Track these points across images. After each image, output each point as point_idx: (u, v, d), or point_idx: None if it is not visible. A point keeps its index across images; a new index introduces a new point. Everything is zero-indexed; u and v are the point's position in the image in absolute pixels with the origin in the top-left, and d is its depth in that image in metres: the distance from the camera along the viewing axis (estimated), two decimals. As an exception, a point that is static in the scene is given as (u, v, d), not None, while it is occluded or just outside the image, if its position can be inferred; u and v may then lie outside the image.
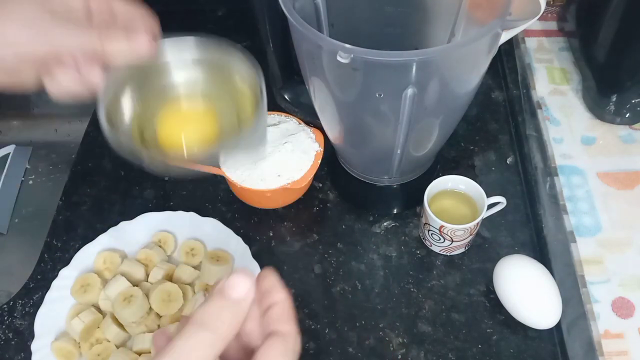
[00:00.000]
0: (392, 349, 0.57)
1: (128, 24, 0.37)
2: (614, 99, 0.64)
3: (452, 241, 0.60)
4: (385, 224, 0.67)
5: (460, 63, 0.49)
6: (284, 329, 0.31)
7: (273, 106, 0.74)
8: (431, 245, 0.63)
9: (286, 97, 0.73)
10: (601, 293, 0.54)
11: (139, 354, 0.56)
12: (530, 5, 0.55)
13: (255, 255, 0.63)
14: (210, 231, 0.65)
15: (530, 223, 0.66)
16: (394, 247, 0.65)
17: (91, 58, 0.35)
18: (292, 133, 0.68)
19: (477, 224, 0.59)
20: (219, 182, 0.71)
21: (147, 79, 0.43)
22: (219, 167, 0.61)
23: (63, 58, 0.35)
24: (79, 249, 0.64)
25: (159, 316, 0.58)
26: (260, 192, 0.64)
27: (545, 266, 0.61)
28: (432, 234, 0.61)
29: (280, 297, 0.32)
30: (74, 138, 0.90)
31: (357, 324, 0.59)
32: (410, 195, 0.67)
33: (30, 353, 0.57)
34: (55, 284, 0.61)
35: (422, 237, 0.64)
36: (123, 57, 0.36)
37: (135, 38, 0.36)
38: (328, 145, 0.67)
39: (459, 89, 0.53)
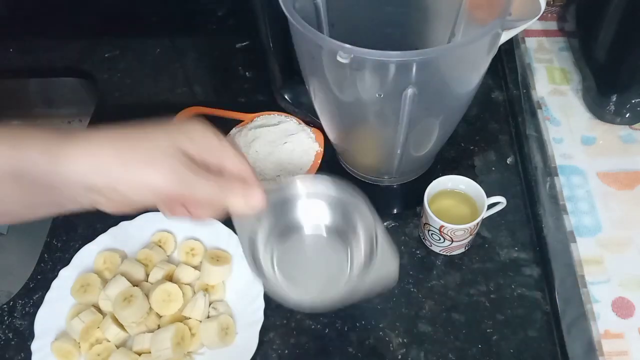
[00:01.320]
0: (392, 349, 0.57)
1: (239, 175, 0.43)
2: (614, 99, 0.64)
3: (452, 241, 0.60)
4: (385, 224, 0.67)
5: (460, 63, 0.49)
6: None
7: (273, 106, 0.74)
8: (431, 245, 0.63)
9: (286, 97, 0.73)
10: (601, 293, 0.54)
11: (139, 354, 0.56)
12: (530, 5, 0.55)
13: (255, 255, 0.63)
14: (210, 231, 0.65)
15: (530, 223, 0.66)
16: (394, 247, 0.65)
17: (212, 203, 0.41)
18: (292, 133, 0.68)
19: (477, 224, 0.59)
20: (219, 182, 0.71)
21: (274, 214, 0.48)
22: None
23: (191, 200, 0.42)
24: (79, 249, 0.64)
25: (159, 316, 0.58)
26: None
27: (545, 266, 0.62)
28: (432, 234, 0.61)
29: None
30: (74, 138, 0.90)
31: (357, 324, 0.59)
32: (410, 195, 0.67)
33: (30, 353, 0.57)
34: (55, 284, 0.61)
35: (422, 237, 0.64)
36: (240, 210, 0.41)
37: (251, 194, 0.42)
38: (328, 145, 0.67)
39: (459, 89, 0.53)
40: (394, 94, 0.48)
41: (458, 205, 0.62)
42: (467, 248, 0.63)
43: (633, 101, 0.63)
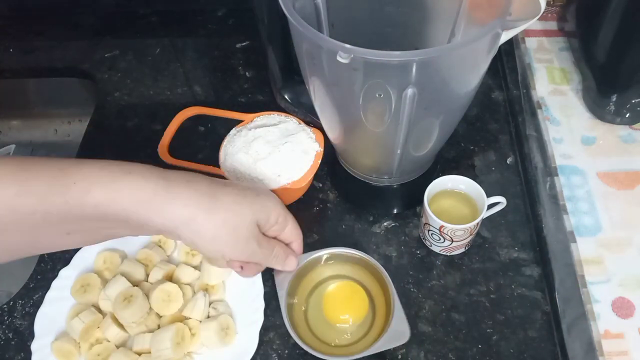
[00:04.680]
0: (392, 349, 0.57)
1: (289, 242, 0.56)
2: (614, 99, 0.64)
3: (452, 241, 0.60)
4: (385, 224, 0.67)
5: (460, 63, 0.49)
6: None
7: (273, 106, 0.74)
8: (431, 245, 0.63)
9: (286, 97, 0.73)
10: (601, 293, 0.54)
11: (139, 354, 0.56)
12: (530, 5, 0.55)
13: (255, 255, 0.63)
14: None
15: (530, 223, 0.66)
16: (394, 247, 0.65)
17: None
18: (292, 133, 0.68)
19: (477, 224, 0.59)
20: (219, 182, 0.71)
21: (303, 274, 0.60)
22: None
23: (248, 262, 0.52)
24: (79, 249, 0.64)
25: (159, 316, 0.58)
26: None
27: (545, 266, 0.62)
28: (432, 234, 0.61)
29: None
30: (74, 138, 0.90)
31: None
32: (410, 195, 0.67)
33: (30, 353, 0.57)
34: (55, 284, 0.61)
35: (422, 237, 0.64)
36: (279, 269, 0.56)
37: (289, 262, 0.56)
38: (328, 145, 0.67)
39: (459, 89, 0.53)
40: (394, 94, 0.48)
41: (458, 205, 0.62)
42: (467, 248, 0.63)
43: (633, 101, 0.63)
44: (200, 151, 0.75)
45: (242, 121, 0.72)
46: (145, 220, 0.43)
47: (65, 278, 0.61)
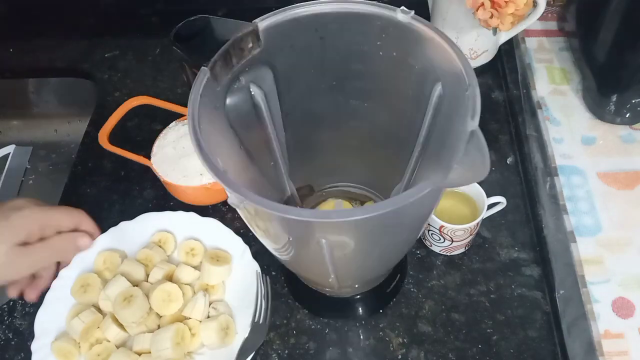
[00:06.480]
0: (392, 349, 0.57)
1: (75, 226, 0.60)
2: (614, 99, 0.64)
3: (452, 241, 0.60)
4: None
5: (401, 219, 0.42)
6: None
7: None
8: (431, 245, 0.63)
9: None
10: (601, 293, 0.54)
11: (139, 354, 0.56)
12: (530, 6, 0.54)
13: (255, 255, 0.63)
14: (210, 231, 0.65)
15: (530, 223, 0.66)
16: (394, 247, 0.65)
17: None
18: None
19: (477, 224, 0.59)
20: (219, 182, 0.71)
21: None
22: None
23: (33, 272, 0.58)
24: (79, 249, 0.64)
25: (159, 316, 0.58)
26: (182, 188, 0.66)
27: (545, 266, 0.62)
28: (432, 234, 0.61)
29: None
30: (74, 138, 0.90)
31: (357, 324, 0.59)
32: (379, 298, 0.60)
33: (30, 353, 0.57)
34: (55, 284, 0.61)
35: (422, 237, 0.64)
36: (76, 253, 0.60)
37: (81, 244, 0.60)
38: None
39: (400, 237, 0.47)
40: (329, 246, 0.41)
41: (458, 205, 0.62)
42: (467, 248, 0.63)
43: (633, 101, 0.63)
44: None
45: (183, 115, 0.72)
46: None
47: (65, 278, 0.61)
